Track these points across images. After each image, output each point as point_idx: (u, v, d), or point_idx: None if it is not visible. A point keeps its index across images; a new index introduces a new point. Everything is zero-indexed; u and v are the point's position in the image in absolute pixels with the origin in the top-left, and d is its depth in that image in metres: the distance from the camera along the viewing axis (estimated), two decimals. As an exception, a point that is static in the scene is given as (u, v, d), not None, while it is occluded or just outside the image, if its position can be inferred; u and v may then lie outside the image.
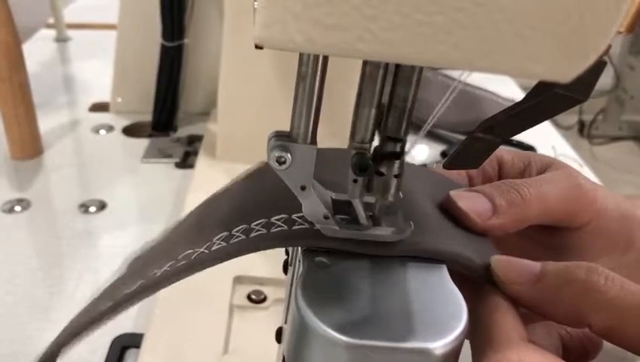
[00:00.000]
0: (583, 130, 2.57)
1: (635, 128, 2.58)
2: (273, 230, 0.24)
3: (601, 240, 0.29)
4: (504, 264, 0.24)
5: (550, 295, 0.22)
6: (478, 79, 0.85)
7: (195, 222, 0.28)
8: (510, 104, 0.24)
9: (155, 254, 0.27)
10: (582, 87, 0.21)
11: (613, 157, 2.46)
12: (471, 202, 0.26)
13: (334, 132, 0.26)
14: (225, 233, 0.24)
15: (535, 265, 0.23)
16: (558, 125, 1.45)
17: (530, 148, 0.81)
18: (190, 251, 0.24)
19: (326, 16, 0.14)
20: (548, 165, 0.30)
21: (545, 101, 0.22)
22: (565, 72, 0.15)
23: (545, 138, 0.84)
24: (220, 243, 0.24)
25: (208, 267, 0.23)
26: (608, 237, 0.29)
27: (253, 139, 0.65)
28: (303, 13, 0.14)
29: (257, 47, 0.22)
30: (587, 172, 0.78)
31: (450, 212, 0.27)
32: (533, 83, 0.22)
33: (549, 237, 0.29)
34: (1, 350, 0.47)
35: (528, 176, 0.30)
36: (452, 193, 0.27)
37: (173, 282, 0.24)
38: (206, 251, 0.24)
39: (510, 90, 0.92)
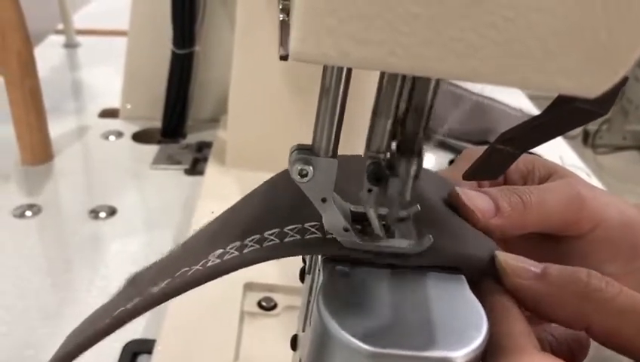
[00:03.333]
0: (587, 140, 2.57)
1: (639, 138, 2.58)
2: (286, 240, 0.24)
3: (604, 249, 0.29)
4: (509, 257, 0.24)
5: (553, 293, 0.23)
6: (486, 88, 0.85)
7: (212, 232, 0.28)
8: (518, 113, 0.24)
9: (160, 269, 0.27)
10: (603, 101, 0.21)
11: (617, 167, 2.45)
12: (475, 199, 0.27)
13: (347, 145, 0.26)
14: (238, 243, 0.24)
15: (538, 264, 0.24)
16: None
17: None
18: (204, 260, 0.24)
19: (360, 31, 0.15)
20: (551, 172, 0.31)
21: (565, 114, 0.22)
22: (594, 87, 0.16)
23: (552, 148, 0.84)
24: (232, 253, 0.24)
25: (222, 275, 0.24)
26: (611, 245, 0.29)
27: (263, 146, 0.65)
28: (338, 27, 0.15)
29: (282, 58, 0.22)
30: (594, 182, 0.78)
31: (453, 207, 0.27)
32: (541, 93, 0.22)
33: (551, 245, 0.30)
34: (12, 355, 0.47)
35: (531, 181, 0.31)
36: (457, 189, 0.27)
37: (179, 294, 0.24)
38: (218, 260, 0.24)
39: (518, 100, 0.92)
